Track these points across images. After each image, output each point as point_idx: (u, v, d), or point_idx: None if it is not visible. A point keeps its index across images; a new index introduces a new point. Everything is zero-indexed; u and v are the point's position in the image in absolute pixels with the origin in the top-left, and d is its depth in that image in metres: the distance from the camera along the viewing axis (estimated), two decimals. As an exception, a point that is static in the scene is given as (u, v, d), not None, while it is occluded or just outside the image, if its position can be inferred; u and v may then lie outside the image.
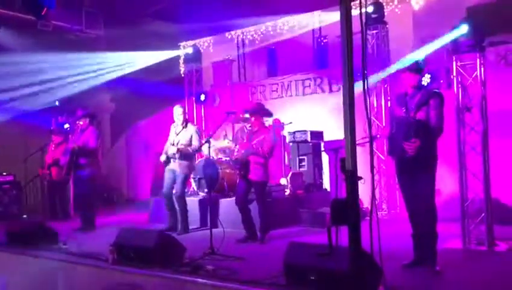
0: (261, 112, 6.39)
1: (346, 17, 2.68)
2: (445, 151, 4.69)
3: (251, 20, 9.71)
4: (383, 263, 3.38)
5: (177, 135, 7.00)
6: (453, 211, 5.63)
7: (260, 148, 6.06)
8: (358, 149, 2.81)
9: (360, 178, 2.59)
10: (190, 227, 7.14)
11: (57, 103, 10.01)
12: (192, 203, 7.58)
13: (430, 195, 4.44)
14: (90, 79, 10.37)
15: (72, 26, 10.44)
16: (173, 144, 6.96)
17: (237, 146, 6.67)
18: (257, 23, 9.81)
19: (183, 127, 7.01)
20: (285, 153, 8.51)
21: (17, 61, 9.15)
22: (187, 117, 7.23)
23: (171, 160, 6.95)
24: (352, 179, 2.53)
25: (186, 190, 8.39)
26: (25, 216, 9.19)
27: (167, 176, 6.99)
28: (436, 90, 4.64)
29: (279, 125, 8.42)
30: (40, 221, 7.56)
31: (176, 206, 6.97)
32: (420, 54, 6.29)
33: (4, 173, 9.41)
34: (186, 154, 6.89)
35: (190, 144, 6.92)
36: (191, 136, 6.95)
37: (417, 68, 4.59)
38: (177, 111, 7.05)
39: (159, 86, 10.05)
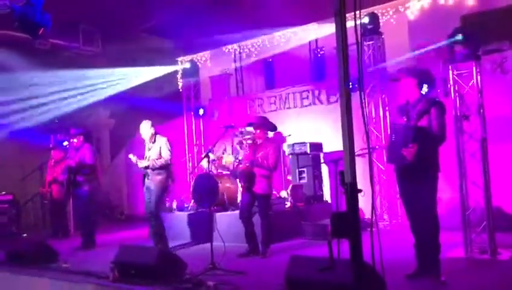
0: (266, 125, 6.40)
1: (342, 29, 2.69)
2: (444, 159, 4.67)
3: (248, 34, 9.75)
4: (386, 274, 3.35)
5: (149, 150, 6.75)
6: (454, 219, 5.61)
7: (266, 161, 6.05)
8: (358, 160, 2.79)
9: (360, 191, 2.57)
10: (181, 242, 7.24)
11: (56, 121, 10.01)
12: (181, 217, 7.79)
13: (431, 204, 4.40)
14: (89, 96, 10.39)
15: (70, 44, 10.49)
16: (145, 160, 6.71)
17: (240, 158, 6.66)
18: (254, 36, 9.85)
19: (152, 142, 6.74)
20: (284, 166, 8.49)
21: (14, 79, 9.16)
22: (154, 131, 6.80)
23: (146, 177, 6.71)
24: (351, 191, 2.51)
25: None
26: (24, 235, 9.14)
27: (146, 196, 6.73)
28: (437, 99, 4.63)
29: (280, 138, 8.42)
30: (40, 240, 7.52)
31: (152, 225, 6.67)
32: (416, 63, 6.33)
33: (3, 193, 9.36)
34: (158, 168, 6.61)
35: (160, 157, 6.62)
36: (160, 149, 6.66)
37: (414, 72, 4.60)
38: (144, 127, 6.77)
39: (158, 101, 10.07)
